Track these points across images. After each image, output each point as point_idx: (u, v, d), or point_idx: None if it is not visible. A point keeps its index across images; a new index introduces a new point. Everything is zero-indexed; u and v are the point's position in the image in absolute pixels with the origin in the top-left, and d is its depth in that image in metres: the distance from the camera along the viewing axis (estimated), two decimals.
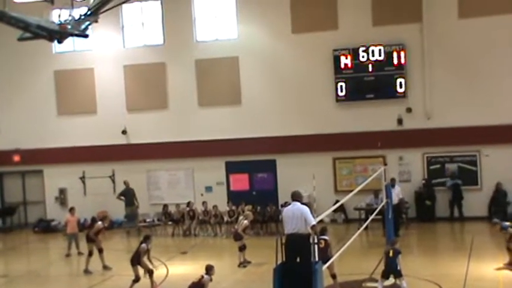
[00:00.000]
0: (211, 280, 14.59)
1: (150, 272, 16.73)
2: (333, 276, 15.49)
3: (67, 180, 27.46)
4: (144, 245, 16.80)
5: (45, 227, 26.99)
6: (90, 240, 19.84)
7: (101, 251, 19.70)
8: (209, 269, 14.58)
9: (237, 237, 19.58)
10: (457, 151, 24.22)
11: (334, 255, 15.30)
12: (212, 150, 25.86)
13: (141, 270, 16.68)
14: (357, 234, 18.01)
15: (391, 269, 14.74)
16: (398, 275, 14.74)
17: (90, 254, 19.62)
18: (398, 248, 15.10)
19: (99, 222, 20.19)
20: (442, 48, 23.99)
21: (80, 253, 22.27)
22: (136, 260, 16.71)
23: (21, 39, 18.32)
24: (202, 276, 14.46)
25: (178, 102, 26.47)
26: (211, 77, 26.02)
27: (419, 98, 24.30)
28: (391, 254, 14.81)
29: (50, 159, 27.51)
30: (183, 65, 26.29)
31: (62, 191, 27.73)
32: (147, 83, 26.76)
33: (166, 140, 26.31)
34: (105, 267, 19.48)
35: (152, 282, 16.74)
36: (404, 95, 24.22)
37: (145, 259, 16.83)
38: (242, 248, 19.38)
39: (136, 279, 16.58)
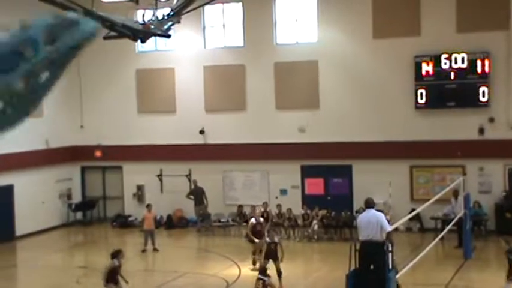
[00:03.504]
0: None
1: (279, 273, 17.15)
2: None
3: (145, 177, 27.97)
4: (277, 238, 17.68)
5: (123, 222, 27.56)
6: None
7: None
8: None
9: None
10: None
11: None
12: (288, 154, 25.85)
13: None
14: (433, 243, 17.70)
15: None
16: None
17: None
18: None
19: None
20: None
21: (155, 249, 22.69)
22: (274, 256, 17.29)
23: (106, 37, 18.80)
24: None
25: (256, 104, 26.59)
26: (290, 80, 26.04)
27: (503, 107, 23.62)
28: None
29: (129, 156, 28.10)
30: (262, 67, 26.40)
31: (140, 188, 28.26)
32: (226, 84, 27.00)
33: (243, 142, 26.47)
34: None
35: (280, 283, 17.09)
36: (487, 104, 23.61)
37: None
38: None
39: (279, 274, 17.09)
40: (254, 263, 19.19)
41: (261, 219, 20.14)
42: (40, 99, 3.52)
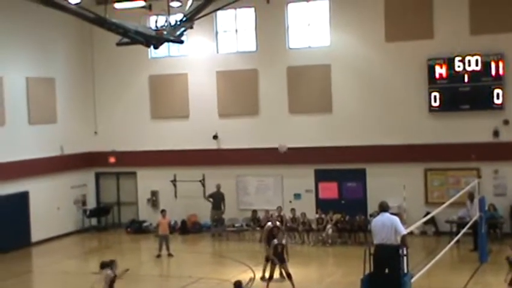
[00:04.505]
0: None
1: (289, 275, 17.16)
2: None
3: (159, 182, 28.03)
4: (285, 240, 17.83)
5: (137, 228, 27.62)
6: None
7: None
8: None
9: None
10: None
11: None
12: (301, 158, 25.81)
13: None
14: (448, 247, 17.61)
15: None
16: None
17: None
18: None
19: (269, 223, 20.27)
20: None
21: (169, 254, 22.73)
22: (280, 258, 17.36)
23: (119, 44, 18.90)
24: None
25: (269, 109, 26.59)
26: (303, 84, 26.02)
27: None
28: None
29: (143, 162, 28.18)
30: (275, 71, 26.40)
31: (154, 193, 28.31)
32: (239, 89, 27.03)
33: (256, 146, 26.47)
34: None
35: (293, 285, 17.08)
36: (501, 106, 23.47)
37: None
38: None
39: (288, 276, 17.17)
40: (264, 271, 18.48)
41: (277, 223, 20.17)
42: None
